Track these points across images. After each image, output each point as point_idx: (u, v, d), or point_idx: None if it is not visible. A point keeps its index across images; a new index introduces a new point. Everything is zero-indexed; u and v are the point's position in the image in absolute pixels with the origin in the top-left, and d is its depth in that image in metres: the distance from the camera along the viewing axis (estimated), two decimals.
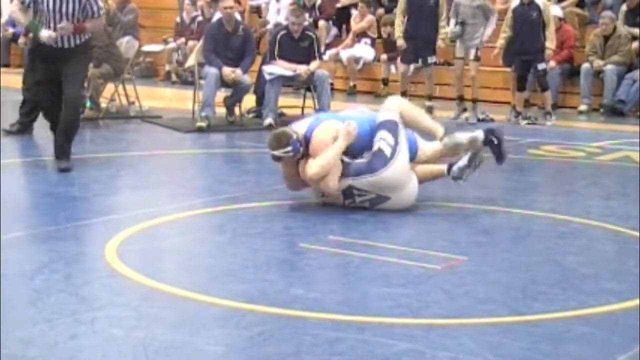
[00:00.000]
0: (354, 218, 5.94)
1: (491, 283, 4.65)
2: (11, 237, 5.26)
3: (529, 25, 10.79)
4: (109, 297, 4.29)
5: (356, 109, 6.87)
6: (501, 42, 11.05)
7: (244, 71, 10.13)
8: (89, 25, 7.26)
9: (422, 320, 4.04)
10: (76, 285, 4.48)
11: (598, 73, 12.19)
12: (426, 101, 11.56)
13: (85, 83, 7.86)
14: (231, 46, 10.17)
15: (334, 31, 15.18)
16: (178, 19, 15.71)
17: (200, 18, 14.97)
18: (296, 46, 10.36)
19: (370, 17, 14.32)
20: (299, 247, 5.23)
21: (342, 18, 15.09)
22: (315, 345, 3.71)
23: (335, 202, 6.19)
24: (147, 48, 15.34)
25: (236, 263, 4.95)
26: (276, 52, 10.37)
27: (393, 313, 4.11)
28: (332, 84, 12.85)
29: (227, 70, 9.95)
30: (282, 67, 10.25)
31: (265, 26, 15.17)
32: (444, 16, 11.24)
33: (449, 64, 12.65)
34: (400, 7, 11.38)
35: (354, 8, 14.74)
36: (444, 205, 6.23)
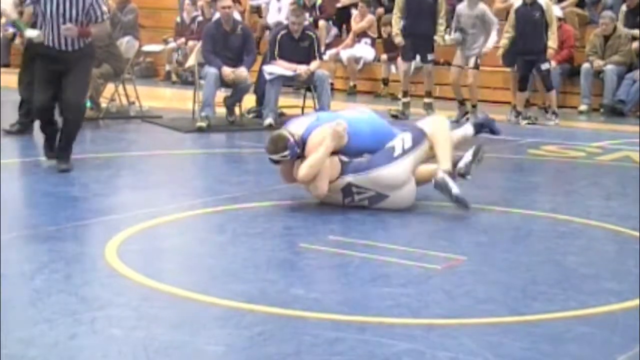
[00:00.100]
0: (354, 218, 5.93)
1: (491, 283, 4.65)
2: (11, 237, 5.26)
3: (532, 25, 10.78)
4: (109, 297, 4.28)
5: (356, 109, 6.84)
6: (505, 42, 11.05)
7: (248, 69, 10.14)
8: (94, 29, 7.22)
9: (422, 320, 4.04)
10: (76, 285, 4.48)
11: (598, 73, 12.20)
12: (425, 98, 11.57)
13: (88, 87, 7.80)
14: (230, 46, 10.17)
15: (334, 31, 15.19)
16: (178, 19, 15.73)
17: (200, 18, 14.97)
18: (296, 46, 10.36)
19: (370, 17, 14.33)
20: (299, 247, 5.23)
21: (342, 18, 15.10)
22: (315, 345, 3.70)
23: (334, 202, 6.19)
24: (147, 48, 15.35)
25: (236, 263, 4.95)
26: (276, 52, 10.37)
27: (393, 313, 4.11)
28: (332, 84, 12.86)
29: (227, 70, 9.95)
30: (282, 67, 10.25)
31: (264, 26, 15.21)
32: (442, 13, 11.23)
33: (449, 64, 12.66)
34: (397, 5, 11.36)
35: (354, 8, 14.75)
36: (444, 205, 6.21)
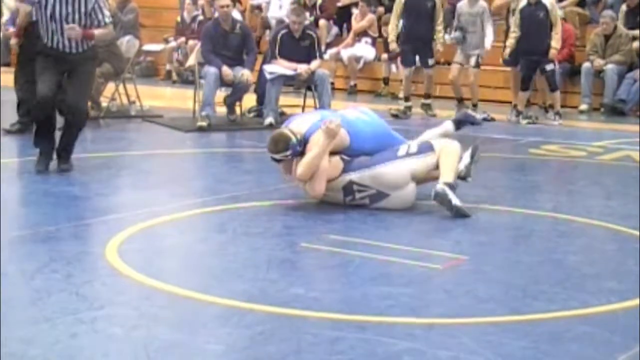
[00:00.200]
0: (355, 217, 5.93)
1: (492, 282, 4.65)
2: (11, 237, 5.26)
3: (536, 25, 10.77)
4: (110, 297, 4.29)
5: (357, 109, 6.84)
6: (511, 42, 11.02)
7: (251, 69, 10.14)
8: (98, 32, 7.18)
9: (423, 319, 4.03)
10: (77, 284, 4.47)
11: (599, 72, 12.20)
12: (423, 99, 11.57)
13: (90, 89, 7.77)
14: (229, 45, 10.17)
15: (335, 30, 15.18)
16: (179, 18, 15.71)
17: (201, 17, 14.96)
18: (297, 45, 10.35)
19: (371, 16, 14.32)
20: (300, 247, 5.23)
21: (343, 17, 15.10)
22: (315, 344, 3.70)
23: (335, 200, 6.18)
24: (148, 47, 15.34)
25: (237, 262, 4.95)
26: (277, 51, 10.37)
27: (394, 312, 4.11)
28: (333, 83, 12.86)
29: (227, 70, 9.95)
30: (283, 66, 10.25)
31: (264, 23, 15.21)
32: (440, 20, 11.23)
33: (450, 64, 12.65)
34: (395, 11, 11.37)
35: (355, 7, 14.74)
36: None
